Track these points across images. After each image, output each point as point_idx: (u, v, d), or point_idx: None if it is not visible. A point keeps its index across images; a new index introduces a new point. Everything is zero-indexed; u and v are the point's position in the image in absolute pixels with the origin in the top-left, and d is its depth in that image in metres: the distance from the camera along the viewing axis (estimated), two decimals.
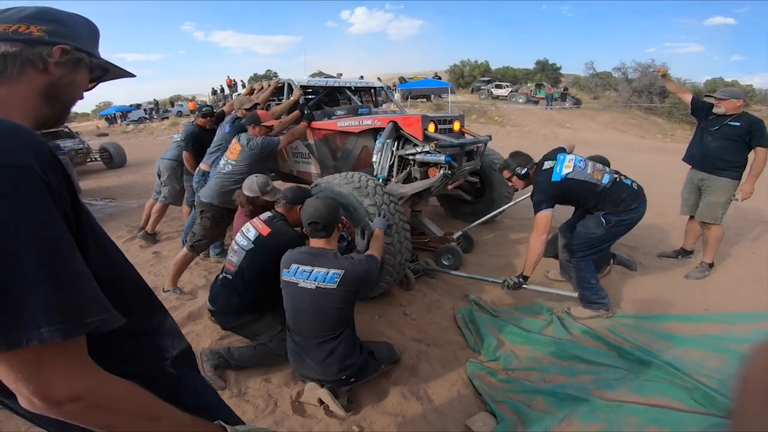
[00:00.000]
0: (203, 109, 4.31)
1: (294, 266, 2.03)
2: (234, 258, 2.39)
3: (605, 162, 3.27)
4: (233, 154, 3.16)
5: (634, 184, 2.82)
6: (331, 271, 1.97)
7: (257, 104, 3.93)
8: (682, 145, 4.69)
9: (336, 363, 1.99)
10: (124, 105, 31.73)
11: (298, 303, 2.01)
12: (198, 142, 4.08)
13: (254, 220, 2.47)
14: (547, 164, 2.79)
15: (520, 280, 2.75)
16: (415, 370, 2.32)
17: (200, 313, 2.94)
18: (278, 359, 2.31)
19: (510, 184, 3.06)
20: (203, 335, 2.68)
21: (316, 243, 2.11)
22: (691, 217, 3.68)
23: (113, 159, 11.02)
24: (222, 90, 26.24)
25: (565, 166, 2.72)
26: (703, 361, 2.33)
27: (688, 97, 3.56)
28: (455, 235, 3.74)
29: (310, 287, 1.97)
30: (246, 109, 3.79)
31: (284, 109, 4.02)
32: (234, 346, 2.38)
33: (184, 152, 4.12)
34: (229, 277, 2.39)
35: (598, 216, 2.75)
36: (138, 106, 30.22)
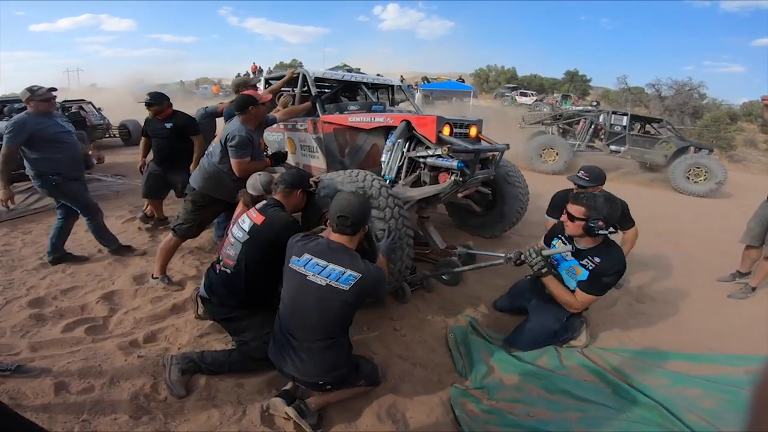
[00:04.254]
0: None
1: (307, 256, 1.90)
2: (231, 251, 2.28)
3: (602, 176, 3.11)
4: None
5: None
6: (348, 271, 1.86)
7: (253, 85, 3.85)
8: None
9: (321, 365, 1.88)
10: (150, 85, 32.18)
11: (301, 296, 1.89)
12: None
13: (249, 210, 2.36)
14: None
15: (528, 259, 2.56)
16: (395, 390, 2.19)
17: (184, 307, 2.85)
18: (254, 364, 2.21)
19: (566, 221, 2.44)
20: (183, 330, 2.59)
21: (337, 238, 1.98)
22: (748, 247, 3.77)
23: (131, 136, 11.11)
24: (247, 76, 26.40)
25: None
26: (698, 401, 2.23)
27: None
28: (458, 251, 3.58)
29: (319, 283, 1.85)
30: (252, 86, 3.75)
31: (279, 87, 4.20)
32: (207, 351, 2.28)
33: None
34: (228, 271, 2.29)
35: (562, 312, 2.56)
36: (165, 86, 30.67)
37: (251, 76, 25.91)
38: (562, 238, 2.60)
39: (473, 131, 3.65)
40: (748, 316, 3.23)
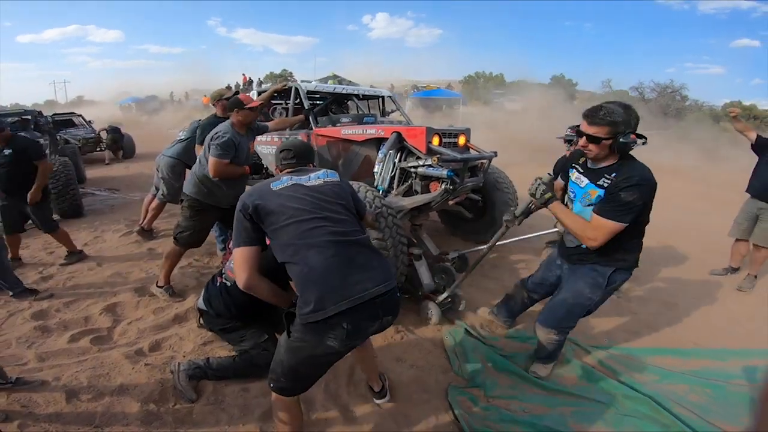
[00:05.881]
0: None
1: (285, 177, 1.74)
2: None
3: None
4: None
5: None
6: (326, 170, 1.81)
7: (237, 92, 3.82)
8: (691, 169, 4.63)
9: (383, 259, 1.68)
10: (138, 96, 32.12)
11: (312, 201, 1.63)
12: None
13: None
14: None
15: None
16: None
17: (186, 316, 2.93)
18: (257, 370, 2.28)
19: (585, 145, 1.97)
20: (186, 339, 2.67)
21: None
22: (737, 240, 4.03)
23: (123, 149, 11.12)
24: (237, 87, 26.46)
25: None
26: (686, 395, 2.34)
27: (753, 135, 3.80)
28: (450, 256, 3.68)
29: (318, 183, 1.71)
30: (226, 99, 3.68)
31: (266, 97, 4.12)
32: (213, 357, 2.35)
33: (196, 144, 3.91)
34: (228, 284, 2.36)
35: (601, 274, 2.14)
36: (154, 98, 30.62)
37: (241, 86, 25.99)
38: (577, 167, 2.19)
39: (462, 140, 3.79)
40: (731, 312, 3.37)
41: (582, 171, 2.13)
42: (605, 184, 1.95)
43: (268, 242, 1.69)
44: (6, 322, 2.84)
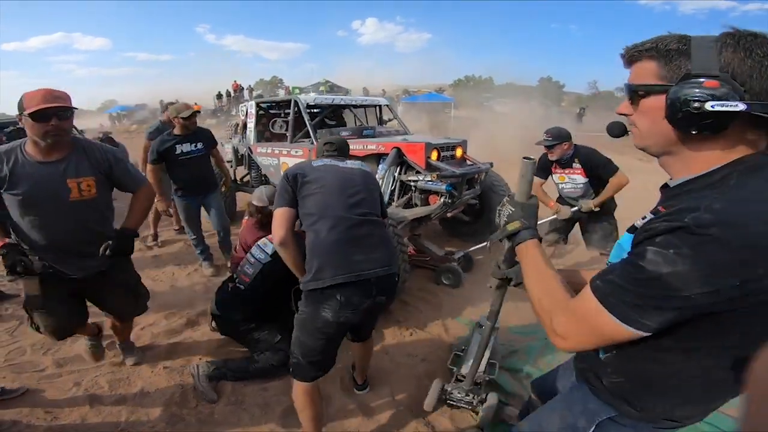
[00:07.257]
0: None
1: (325, 159, 1.97)
2: (249, 270, 2.45)
3: (564, 133, 3.15)
4: None
5: None
6: (362, 162, 2.02)
7: (197, 112, 3.64)
8: None
9: (390, 246, 1.83)
10: (127, 105, 31.86)
11: (341, 179, 1.82)
12: None
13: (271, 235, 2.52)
14: None
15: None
16: (408, 383, 2.37)
17: (198, 321, 2.99)
18: (274, 370, 2.35)
19: (623, 112, 0.85)
20: (201, 342, 2.73)
21: None
22: None
23: None
24: (228, 94, 26.31)
25: None
26: None
27: None
28: (456, 256, 3.78)
29: (354, 167, 1.92)
30: (183, 118, 3.48)
31: None
32: (230, 359, 2.42)
33: None
34: (241, 287, 2.45)
35: (585, 413, 1.00)
36: (143, 106, 30.21)
37: (233, 94, 25.88)
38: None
39: (459, 152, 3.93)
40: None
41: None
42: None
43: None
44: (17, 329, 2.87)
